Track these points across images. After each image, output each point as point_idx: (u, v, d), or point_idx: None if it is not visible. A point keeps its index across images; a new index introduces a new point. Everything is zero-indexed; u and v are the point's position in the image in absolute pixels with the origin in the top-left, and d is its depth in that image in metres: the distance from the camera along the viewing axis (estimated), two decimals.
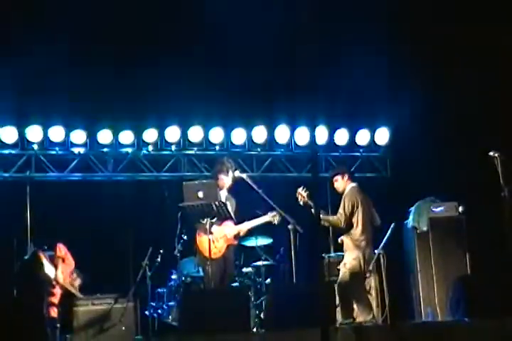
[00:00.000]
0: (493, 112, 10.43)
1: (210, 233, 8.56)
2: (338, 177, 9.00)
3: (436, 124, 10.75)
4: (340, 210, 8.74)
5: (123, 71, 10.04)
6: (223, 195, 8.93)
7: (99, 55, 9.99)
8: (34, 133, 10.31)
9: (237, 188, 9.07)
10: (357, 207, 8.73)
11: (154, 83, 10.13)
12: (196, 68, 10.22)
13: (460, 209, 9.97)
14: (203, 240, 8.72)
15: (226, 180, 8.99)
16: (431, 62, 10.70)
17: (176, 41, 10.26)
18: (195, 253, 8.98)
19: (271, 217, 8.81)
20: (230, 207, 8.85)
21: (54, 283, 8.67)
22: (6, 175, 10.39)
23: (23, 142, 10.36)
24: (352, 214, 8.71)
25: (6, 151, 10.40)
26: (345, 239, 8.84)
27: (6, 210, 9.16)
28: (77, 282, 8.97)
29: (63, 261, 8.79)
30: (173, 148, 10.87)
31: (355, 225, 8.74)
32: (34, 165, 10.40)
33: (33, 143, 10.37)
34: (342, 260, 8.86)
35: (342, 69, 10.35)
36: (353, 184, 8.99)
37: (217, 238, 8.75)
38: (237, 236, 8.94)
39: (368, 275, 8.86)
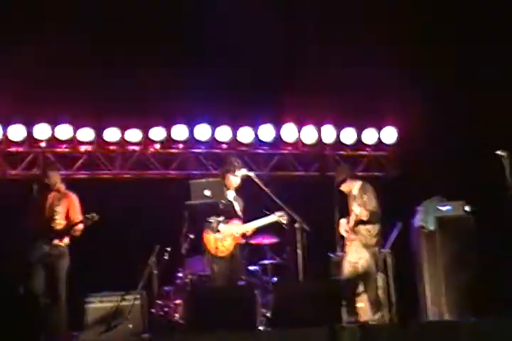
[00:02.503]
0: (503, 111, 10.40)
1: (218, 231, 8.56)
2: (342, 184, 9.05)
3: (443, 123, 10.73)
4: (369, 206, 8.75)
5: (130, 69, 10.05)
6: (231, 194, 8.92)
7: (106, 54, 10.01)
8: (42, 131, 10.34)
9: (244, 187, 9.06)
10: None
11: (161, 82, 10.14)
12: (202, 66, 10.22)
13: (467, 208, 9.93)
14: (210, 238, 8.72)
15: (234, 179, 8.98)
16: (439, 61, 10.69)
17: (178, 39, 10.28)
18: (202, 251, 8.98)
19: (278, 216, 8.80)
20: (238, 207, 8.85)
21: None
22: (14, 172, 10.42)
23: (30, 140, 10.39)
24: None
25: (14, 149, 10.44)
26: (356, 235, 8.85)
27: (13, 208, 9.14)
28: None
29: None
30: (180, 146, 10.88)
31: (374, 223, 8.80)
32: (41, 163, 10.41)
33: (41, 140, 10.40)
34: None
35: (349, 68, 10.35)
36: (360, 181, 9.03)
37: (224, 237, 8.74)
38: (244, 235, 8.93)
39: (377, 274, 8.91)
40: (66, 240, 8.47)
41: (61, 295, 8.29)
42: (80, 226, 8.41)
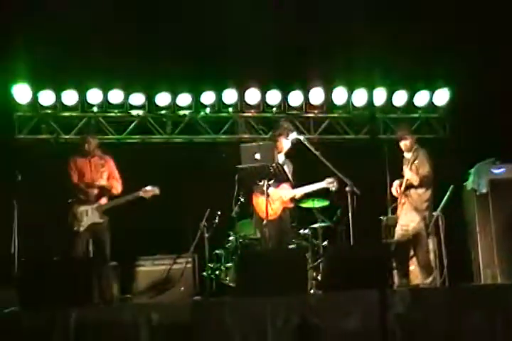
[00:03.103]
0: None
1: (267, 195, 8.58)
2: (408, 136, 8.98)
3: (496, 84, 10.53)
4: (421, 171, 8.76)
5: (180, 35, 10.04)
6: (281, 158, 8.92)
7: (156, 20, 10.02)
8: (94, 95, 10.44)
9: (294, 151, 9.05)
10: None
11: (210, 46, 10.11)
12: (251, 29, 10.14)
13: None
14: (259, 201, 8.74)
15: (285, 143, 8.97)
16: (493, 21, 10.45)
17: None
18: (251, 214, 9.02)
19: (328, 183, 8.75)
20: (288, 171, 8.84)
21: None
22: (67, 137, 10.56)
23: (83, 104, 10.50)
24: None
25: (67, 113, 10.56)
26: (407, 199, 8.82)
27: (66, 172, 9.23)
28: None
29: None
30: (231, 110, 10.89)
31: (426, 188, 8.74)
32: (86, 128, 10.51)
33: (93, 105, 10.50)
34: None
35: (400, 29, 10.19)
36: (415, 146, 8.99)
37: (273, 200, 8.75)
38: (292, 200, 8.94)
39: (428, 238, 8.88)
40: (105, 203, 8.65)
41: (108, 258, 8.42)
42: (119, 189, 8.72)
